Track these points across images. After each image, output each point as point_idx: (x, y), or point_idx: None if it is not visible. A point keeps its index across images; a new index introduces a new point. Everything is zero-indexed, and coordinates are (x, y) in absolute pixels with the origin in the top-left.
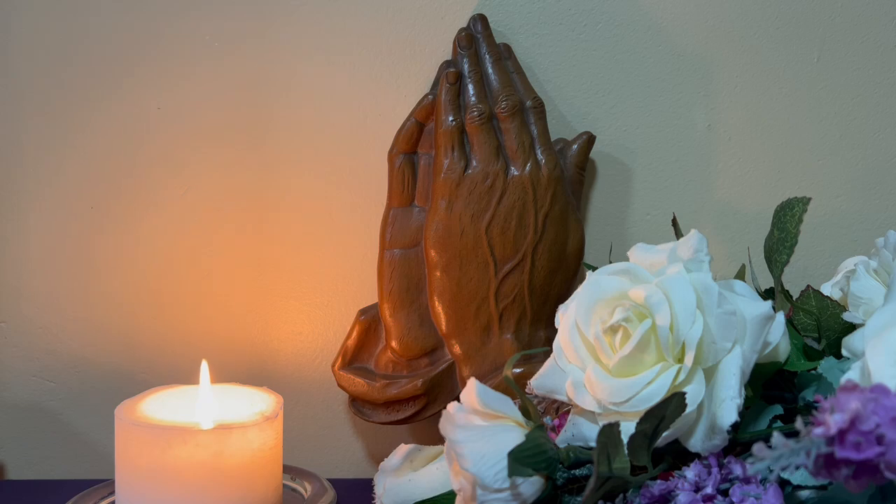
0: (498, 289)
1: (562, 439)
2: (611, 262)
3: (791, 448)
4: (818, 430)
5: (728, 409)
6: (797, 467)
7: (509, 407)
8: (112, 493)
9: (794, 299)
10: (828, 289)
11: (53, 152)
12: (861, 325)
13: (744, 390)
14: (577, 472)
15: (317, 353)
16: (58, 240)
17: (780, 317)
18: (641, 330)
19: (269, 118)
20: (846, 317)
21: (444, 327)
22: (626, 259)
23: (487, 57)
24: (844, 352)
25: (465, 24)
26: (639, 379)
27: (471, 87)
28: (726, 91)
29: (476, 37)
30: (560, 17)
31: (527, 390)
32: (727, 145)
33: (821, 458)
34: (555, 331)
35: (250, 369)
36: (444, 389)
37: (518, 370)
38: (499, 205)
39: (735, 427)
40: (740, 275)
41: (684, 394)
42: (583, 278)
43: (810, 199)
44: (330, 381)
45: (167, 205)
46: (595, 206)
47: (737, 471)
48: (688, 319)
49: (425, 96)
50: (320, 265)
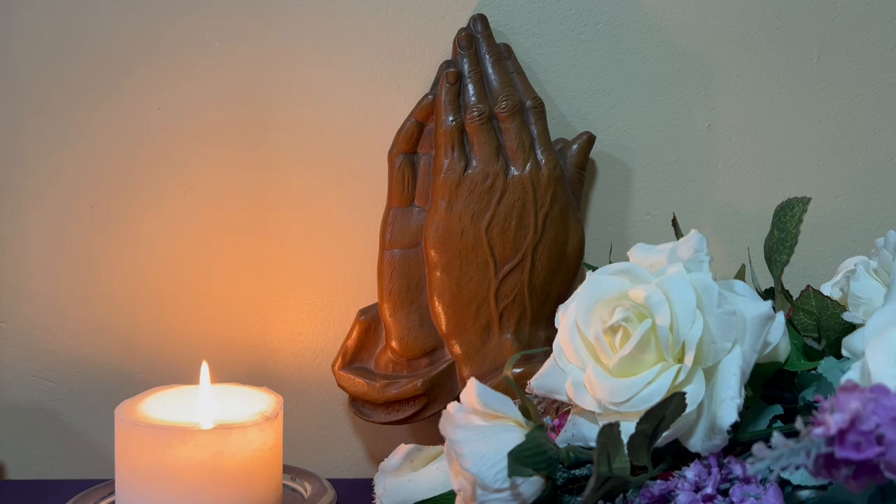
0: (498, 289)
1: (562, 439)
2: (611, 262)
3: (791, 448)
4: (818, 430)
5: (728, 409)
6: (797, 467)
7: (509, 407)
8: (112, 493)
9: (794, 299)
10: (828, 289)
11: (53, 152)
12: (861, 325)
13: (744, 390)
14: (577, 472)
15: (317, 353)
16: (58, 240)
17: (780, 317)
18: (641, 330)
19: (269, 118)
20: (846, 317)
21: (444, 327)
22: (626, 259)
23: (487, 57)
24: (844, 352)
25: (465, 24)
26: (639, 379)
27: (471, 87)
28: (726, 91)
29: (476, 37)
30: (560, 17)
31: (527, 390)
32: (727, 145)
33: (821, 458)
34: (555, 331)
35: (250, 369)
36: (444, 389)
37: (518, 370)
38: (499, 205)
39: (735, 427)
40: (740, 275)
41: (684, 394)
42: (583, 278)
43: (810, 199)
44: (330, 381)
45: (167, 205)
46: (595, 206)
47: (737, 471)
48: (688, 319)
49: (425, 96)
50: (320, 265)
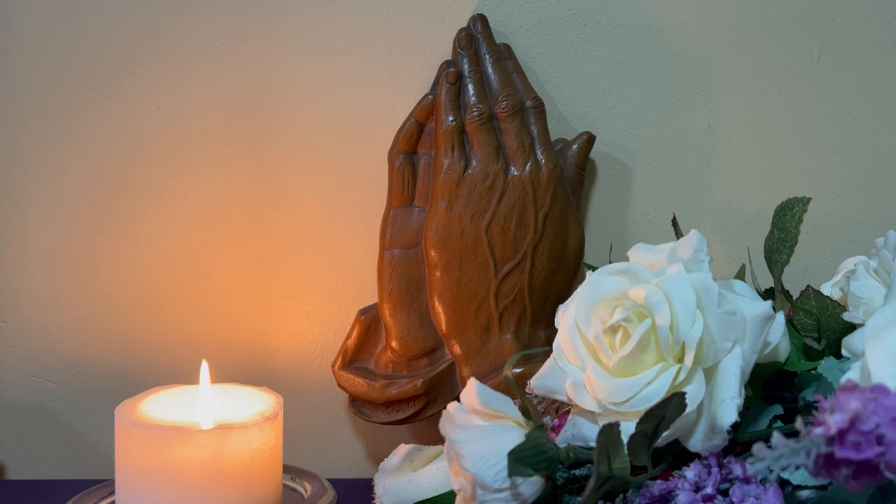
0: (498, 289)
1: (562, 439)
2: (611, 262)
3: (791, 448)
4: (818, 430)
5: (728, 409)
6: (797, 467)
7: (509, 407)
8: (112, 493)
9: (794, 299)
10: (828, 289)
11: (53, 152)
12: (861, 325)
13: (744, 390)
14: (577, 472)
15: (317, 353)
16: (58, 240)
17: (780, 317)
18: (641, 330)
19: (269, 118)
20: (846, 317)
21: (444, 327)
22: (626, 259)
23: (487, 57)
24: (844, 352)
25: (465, 24)
26: (639, 379)
27: (471, 87)
28: (726, 91)
29: (476, 37)
30: (560, 17)
31: (527, 390)
32: (727, 145)
33: (821, 458)
34: (555, 331)
35: (250, 369)
36: (444, 389)
37: (518, 370)
38: (499, 205)
39: (735, 427)
40: (740, 275)
41: (684, 394)
42: (583, 278)
43: (810, 199)
44: (330, 381)
45: (167, 205)
46: (595, 206)
47: (737, 471)
48: (688, 319)
49: (425, 96)
50: (320, 265)
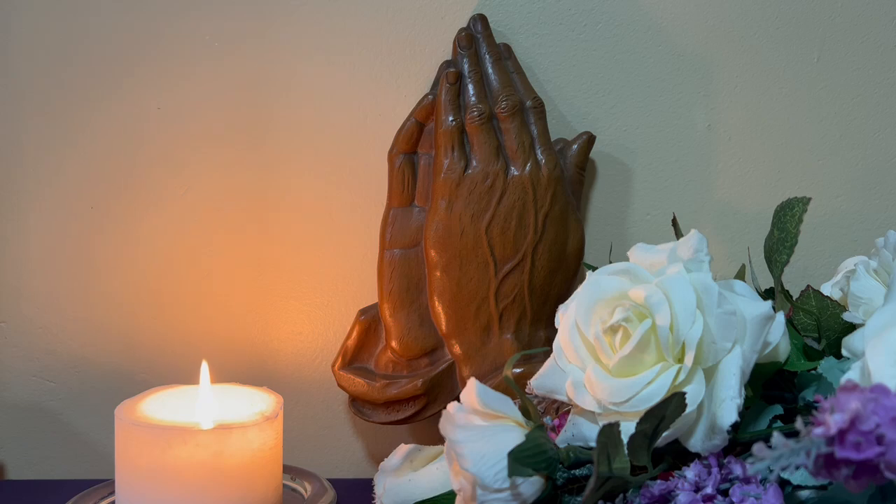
0: (498, 289)
1: (562, 439)
2: (611, 262)
3: (791, 448)
4: (818, 430)
5: (728, 409)
6: (797, 467)
7: (509, 407)
8: (112, 493)
9: (794, 299)
10: (828, 289)
11: (53, 152)
12: (861, 325)
13: (744, 390)
14: (577, 472)
15: (317, 353)
16: (58, 240)
17: (780, 317)
18: (641, 330)
19: (269, 118)
20: (846, 317)
21: (444, 327)
22: (626, 259)
23: (487, 57)
24: (844, 352)
25: (465, 24)
26: (639, 379)
27: (471, 87)
28: (726, 91)
29: (476, 37)
30: (560, 17)
31: (527, 390)
32: (727, 145)
33: (821, 458)
34: (555, 331)
35: (250, 369)
36: (444, 389)
37: (518, 370)
38: (499, 205)
39: (735, 427)
40: (740, 275)
41: (684, 394)
42: (583, 278)
43: (810, 199)
44: (330, 381)
45: (167, 205)
46: (595, 206)
47: (737, 471)
48: (688, 319)
49: (425, 96)
50: (320, 265)
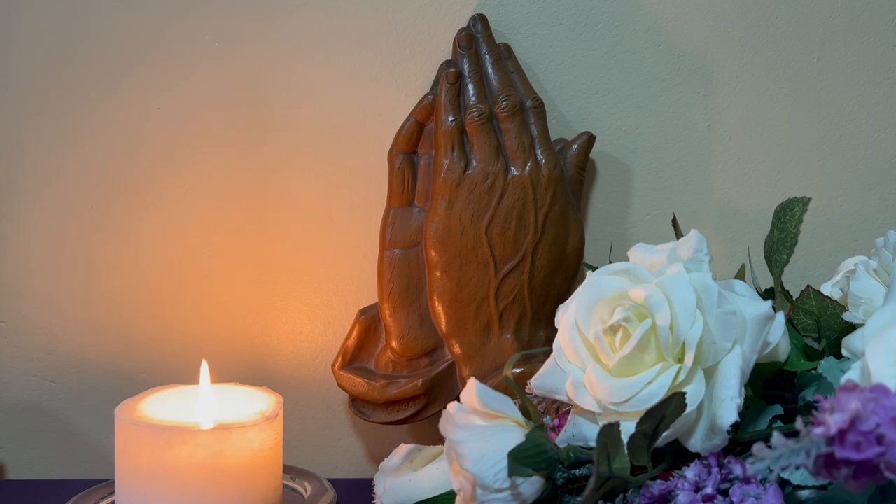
0: (498, 289)
1: (562, 439)
2: (611, 262)
3: (791, 448)
4: (818, 430)
5: (728, 409)
6: (797, 467)
7: (509, 407)
8: (112, 493)
9: (794, 299)
10: (828, 289)
11: (53, 152)
12: (861, 325)
13: (744, 390)
14: (577, 472)
15: (317, 353)
16: (58, 240)
17: (780, 317)
18: (641, 330)
19: (269, 118)
20: (846, 317)
21: (444, 327)
22: (626, 259)
23: (487, 57)
24: (844, 352)
25: (465, 24)
26: (639, 379)
27: (471, 87)
28: (726, 91)
29: (476, 37)
30: (560, 17)
31: (527, 390)
32: (727, 145)
33: (821, 458)
34: (555, 331)
35: (250, 369)
36: (444, 389)
37: (518, 370)
38: (499, 205)
39: (735, 427)
40: (740, 275)
41: (684, 394)
42: (583, 278)
43: (810, 199)
44: (330, 381)
45: (167, 205)
46: (595, 206)
47: (737, 471)
48: (688, 319)
49: (425, 96)
50: (320, 265)
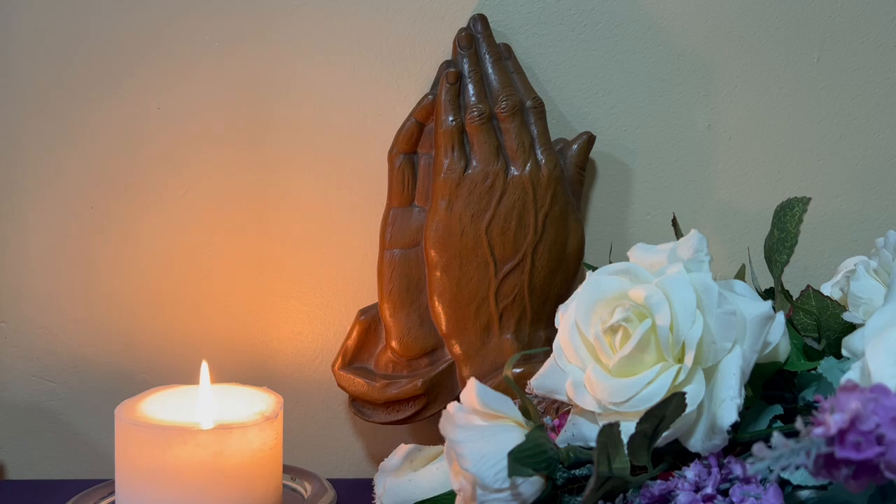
0: (498, 289)
1: (562, 439)
2: (611, 262)
3: (791, 448)
4: (818, 430)
5: (728, 409)
6: (797, 467)
7: (509, 407)
8: (112, 493)
9: (794, 299)
10: (828, 289)
11: (53, 152)
12: (861, 325)
13: (744, 390)
14: (577, 472)
15: (317, 353)
16: (58, 240)
17: (780, 317)
18: (641, 330)
19: (269, 118)
20: (846, 317)
21: (444, 327)
22: (626, 259)
23: (487, 57)
24: (844, 352)
25: (465, 24)
26: (639, 379)
27: (471, 87)
28: (726, 91)
29: (476, 37)
30: (560, 17)
31: (527, 390)
32: (727, 145)
33: (821, 458)
34: (555, 331)
35: (250, 369)
36: (444, 389)
37: (518, 370)
38: (499, 205)
39: (735, 427)
40: (740, 275)
41: (684, 394)
42: (583, 278)
43: (810, 199)
44: (330, 381)
45: (167, 205)
46: (595, 206)
47: (737, 471)
48: (688, 319)
49: (425, 96)
50: (320, 265)
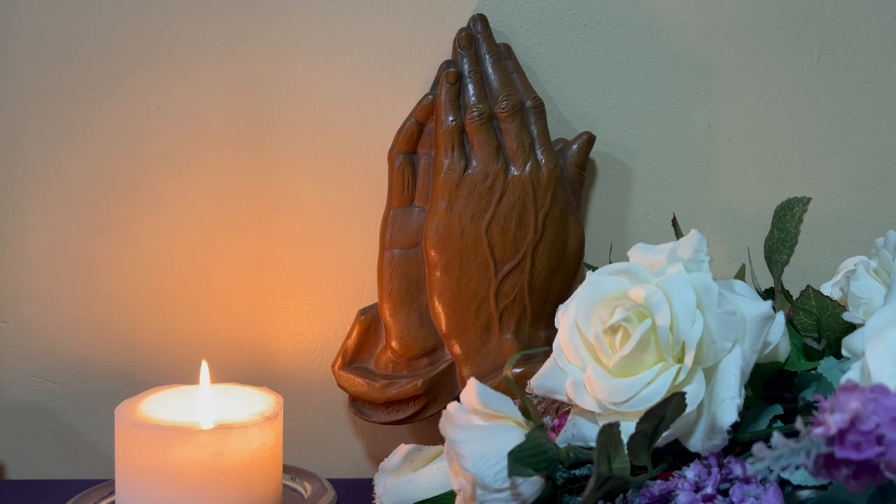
0: (498, 289)
1: (562, 439)
2: (611, 262)
3: (791, 448)
4: (818, 430)
5: (728, 409)
6: (797, 467)
7: (509, 407)
8: (112, 493)
9: (794, 299)
10: (828, 289)
11: (53, 152)
12: (861, 325)
13: (744, 390)
14: (577, 472)
15: (317, 353)
16: (58, 240)
17: (780, 317)
18: (641, 330)
19: (269, 118)
20: (846, 317)
21: (444, 327)
22: (626, 259)
23: (487, 57)
24: (844, 352)
25: (465, 24)
26: (639, 379)
27: (471, 87)
28: (726, 91)
29: (476, 37)
30: (560, 17)
31: (527, 390)
32: (727, 145)
33: (821, 458)
34: (555, 331)
35: (250, 369)
36: (444, 389)
37: (518, 370)
38: (499, 205)
39: (735, 427)
40: (740, 275)
41: (684, 394)
42: (583, 278)
43: (810, 199)
44: (330, 381)
45: (167, 205)
46: (595, 206)
47: (737, 471)
48: (688, 319)
49: (425, 96)
50: (320, 265)
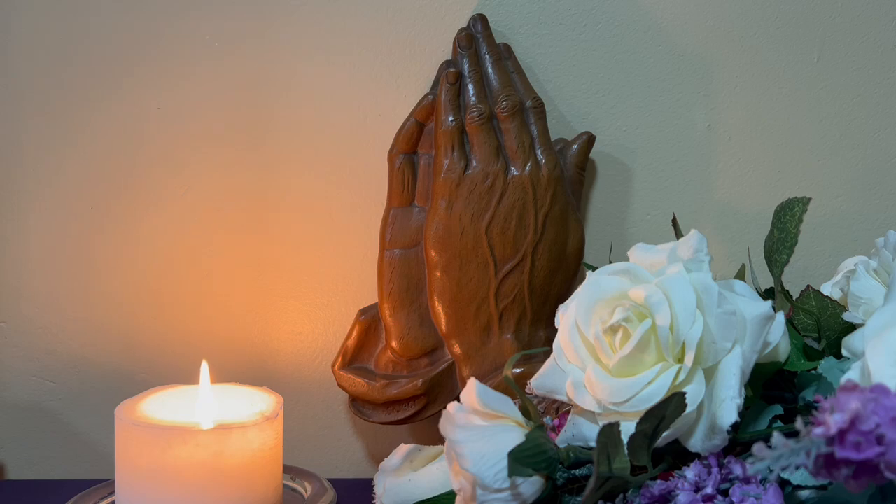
0: (498, 289)
1: (562, 439)
2: (611, 262)
3: (791, 448)
4: (818, 430)
5: (728, 409)
6: (797, 467)
7: (509, 407)
8: (112, 493)
9: (794, 299)
10: (828, 289)
11: (53, 152)
12: (861, 325)
13: (744, 390)
14: (577, 472)
15: (317, 353)
16: (58, 240)
17: (780, 317)
18: (641, 330)
19: (269, 118)
20: (846, 317)
21: (444, 327)
22: (626, 259)
23: (487, 57)
24: (844, 352)
25: (465, 24)
26: (639, 379)
27: (471, 87)
28: (726, 91)
29: (476, 37)
30: (560, 17)
31: (527, 390)
32: (727, 145)
33: (821, 458)
34: (555, 331)
35: (250, 369)
36: (444, 389)
37: (518, 370)
38: (499, 205)
39: (735, 427)
40: (740, 275)
41: (684, 394)
42: (583, 278)
43: (810, 199)
44: (330, 381)
45: (167, 205)
46: (595, 206)
47: (737, 471)
48: (688, 319)
49: (425, 96)
50: (320, 265)
